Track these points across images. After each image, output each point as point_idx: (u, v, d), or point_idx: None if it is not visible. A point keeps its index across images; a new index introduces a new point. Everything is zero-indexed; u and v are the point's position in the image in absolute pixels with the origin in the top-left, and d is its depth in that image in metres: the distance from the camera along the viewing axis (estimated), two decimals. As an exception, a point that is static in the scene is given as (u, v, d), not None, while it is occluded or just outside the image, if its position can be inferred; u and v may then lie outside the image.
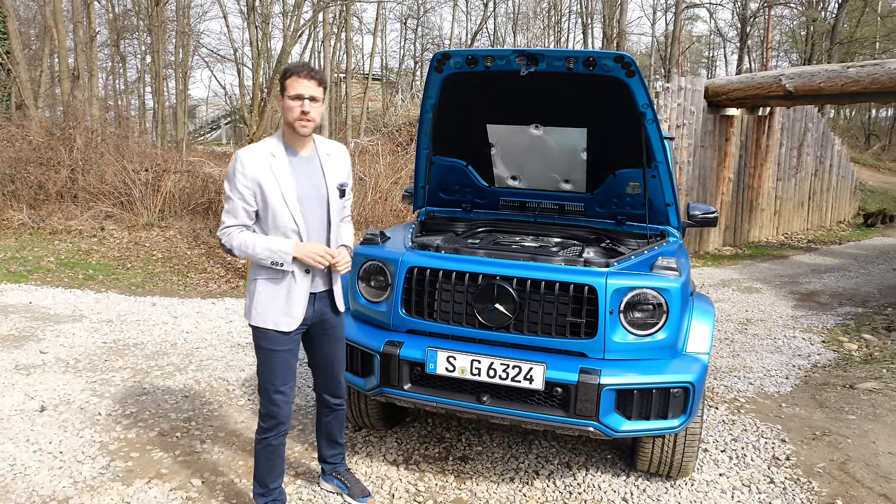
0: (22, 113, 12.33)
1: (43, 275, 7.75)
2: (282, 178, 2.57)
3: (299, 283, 2.63)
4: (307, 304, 2.69)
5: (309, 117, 2.55)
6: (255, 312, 2.65)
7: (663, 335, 2.89)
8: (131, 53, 26.36)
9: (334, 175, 2.74)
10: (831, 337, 6.50)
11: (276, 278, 2.62)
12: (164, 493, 3.11)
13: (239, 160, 2.56)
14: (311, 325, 2.78)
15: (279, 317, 2.62)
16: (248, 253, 2.57)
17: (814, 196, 14.30)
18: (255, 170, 2.55)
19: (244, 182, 2.55)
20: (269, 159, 2.58)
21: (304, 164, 2.66)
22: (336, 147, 2.84)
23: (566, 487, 3.29)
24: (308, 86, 2.53)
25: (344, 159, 2.83)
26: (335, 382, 2.94)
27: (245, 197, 2.56)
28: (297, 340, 2.74)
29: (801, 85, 9.89)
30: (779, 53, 30.77)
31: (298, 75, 2.53)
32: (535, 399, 2.86)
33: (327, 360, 2.88)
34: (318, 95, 2.57)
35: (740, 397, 4.65)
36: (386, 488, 3.21)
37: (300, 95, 2.52)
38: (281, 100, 2.60)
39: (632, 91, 3.17)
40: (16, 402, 4.11)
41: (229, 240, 2.59)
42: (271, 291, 2.63)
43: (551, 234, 3.86)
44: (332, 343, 2.87)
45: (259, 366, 2.71)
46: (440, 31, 32.42)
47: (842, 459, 3.63)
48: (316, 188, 2.67)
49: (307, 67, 2.57)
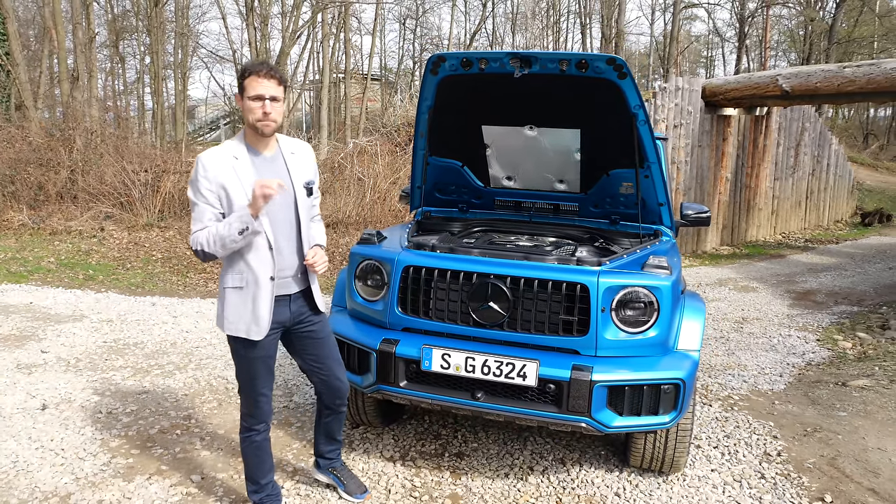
0: (21, 114, 12.38)
1: (43, 275, 7.80)
2: (246, 180, 2.52)
3: (264, 290, 2.58)
4: (283, 307, 2.67)
5: (271, 118, 2.50)
6: (226, 321, 2.62)
7: (654, 332, 2.95)
8: (130, 54, 26.44)
9: (300, 174, 2.69)
10: (826, 335, 6.55)
11: (242, 286, 2.58)
12: (164, 489, 3.16)
13: (201, 164, 2.51)
14: (289, 328, 2.75)
15: (249, 325, 2.59)
16: (216, 238, 2.47)
17: (811, 195, 14.35)
18: (217, 173, 2.50)
19: (208, 186, 2.50)
20: (232, 162, 2.53)
21: (269, 165, 2.62)
22: (300, 145, 2.80)
23: (560, 483, 3.34)
24: (268, 85, 2.48)
25: (309, 157, 2.79)
26: (338, 383, 2.89)
27: (210, 201, 2.51)
28: (274, 343, 2.71)
29: (798, 85, 9.94)
30: (777, 53, 30.87)
31: (258, 75, 2.47)
32: (528, 395, 2.92)
33: (321, 362, 2.84)
34: (279, 95, 2.52)
35: (734, 395, 4.70)
36: (382, 484, 3.26)
37: (260, 96, 2.47)
38: (240, 100, 2.54)
39: (624, 93, 3.22)
40: (18, 401, 4.16)
41: (198, 241, 2.52)
42: (238, 300, 2.59)
43: (546, 234, 3.91)
44: (320, 344, 2.83)
45: (238, 370, 2.71)
46: (439, 31, 32.49)
47: (832, 455, 3.68)
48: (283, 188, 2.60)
49: (266, 66, 2.51)
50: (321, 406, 2.98)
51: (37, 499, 3.06)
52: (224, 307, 2.63)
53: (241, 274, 2.59)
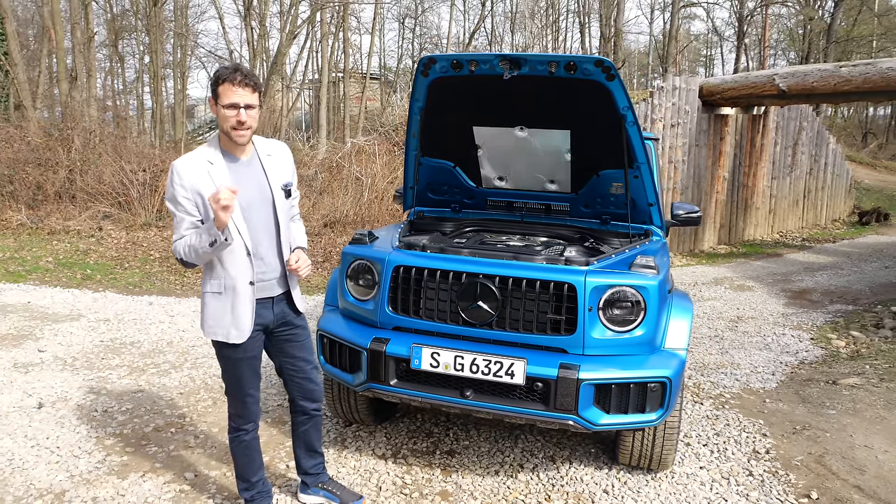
0: (20, 114, 12.42)
1: (41, 275, 7.83)
2: (222, 185, 2.44)
3: (242, 294, 2.56)
4: (267, 309, 2.67)
5: (245, 126, 2.46)
6: (206, 326, 2.62)
7: (641, 331, 2.98)
8: (130, 53, 26.47)
9: (277, 176, 2.66)
10: (820, 334, 6.59)
11: (221, 292, 2.57)
12: (157, 486, 3.20)
13: (176, 172, 2.47)
14: (273, 330, 2.75)
15: (228, 329, 2.57)
16: (192, 248, 2.45)
17: (809, 194, 14.38)
18: (193, 180, 2.47)
19: (184, 194, 2.46)
20: (207, 167, 2.49)
21: (245, 169, 2.59)
22: (277, 146, 2.76)
23: (549, 480, 3.38)
24: (243, 94, 2.42)
25: (286, 158, 2.75)
26: (312, 386, 2.89)
27: (187, 209, 2.48)
28: (259, 345, 2.71)
29: (795, 84, 9.98)
30: (776, 52, 30.86)
31: (232, 82, 2.40)
32: (516, 394, 2.95)
33: (298, 364, 2.83)
34: (254, 102, 2.47)
35: (725, 393, 4.74)
36: (374, 481, 3.30)
37: (235, 104, 2.41)
38: (214, 106, 2.48)
39: (612, 94, 3.25)
40: (14, 399, 4.20)
41: (177, 251, 2.51)
42: (218, 305, 2.58)
43: (537, 234, 3.94)
44: (300, 346, 2.82)
45: (224, 373, 2.71)
46: (438, 30, 32.46)
47: (819, 453, 3.72)
48: (259, 191, 2.60)
49: (241, 73, 2.43)
50: (296, 412, 2.95)
51: (32, 496, 3.10)
52: (205, 311, 2.62)
53: (220, 279, 2.57)
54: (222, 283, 2.57)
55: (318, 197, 10.82)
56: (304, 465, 3.03)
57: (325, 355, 3.37)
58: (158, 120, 19.85)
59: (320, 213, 10.18)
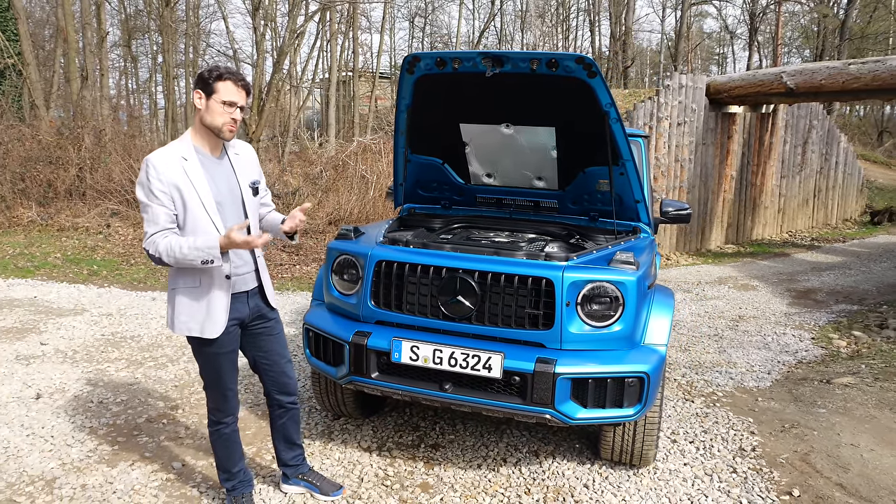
0: (33, 113, 12.62)
1: (49, 270, 7.98)
2: (197, 180, 2.53)
3: (219, 288, 2.60)
4: (242, 303, 2.71)
5: (236, 125, 2.60)
6: (178, 322, 2.62)
7: (619, 327, 3.00)
8: (143, 53, 26.74)
9: (245, 174, 2.73)
10: (822, 334, 6.55)
11: (197, 286, 2.59)
12: (145, 475, 3.27)
13: (151, 166, 2.49)
14: (248, 323, 2.78)
15: (203, 324, 2.60)
16: (177, 256, 2.48)
17: (819, 194, 14.25)
18: (170, 174, 2.49)
19: (161, 187, 2.48)
20: (182, 163, 2.53)
21: (216, 166, 2.64)
22: (242, 146, 2.83)
23: (531, 474, 3.40)
24: (241, 95, 2.56)
25: (252, 157, 2.83)
26: (286, 379, 2.93)
27: (164, 202, 2.50)
28: (235, 338, 2.75)
29: (803, 82, 9.90)
30: (790, 50, 30.52)
31: (234, 82, 2.53)
32: (494, 387, 2.98)
33: (272, 358, 2.87)
34: (245, 104, 2.62)
35: (718, 391, 4.73)
36: (356, 473, 3.35)
37: (234, 103, 2.54)
38: (203, 99, 2.52)
39: (595, 92, 3.27)
40: (14, 390, 4.30)
41: (155, 247, 2.50)
42: (192, 300, 2.60)
43: (525, 230, 3.97)
44: (274, 340, 2.86)
45: (202, 369, 2.75)
46: (448, 28, 32.40)
47: (805, 451, 3.71)
48: (230, 189, 2.65)
49: (241, 76, 2.57)
50: (273, 406, 2.98)
51: (24, 482, 3.18)
52: (175, 308, 2.63)
53: (196, 275, 2.59)
54: (198, 279, 2.60)
55: (324, 195, 10.90)
56: (283, 457, 3.08)
57: (311, 348, 3.43)
58: (171, 119, 20.04)
59: (325, 210, 10.26)
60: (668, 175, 10.80)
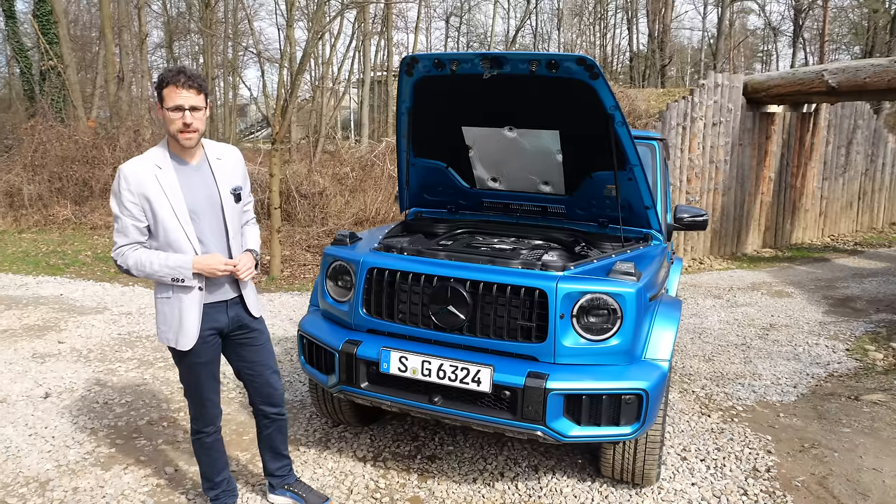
0: (71, 113, 12.98)
1: (78, 268, 8.16)
2: (170, 190, 2.46)
3: (190, 299, 2.54)
4: (220, 313, 2.64)
5: (192, 128, 2.44)
6: (160, 331, 2.61)
7: (617, 341, 2.86)
8: (184, 54, 27.31)
9: (226, 180, 2.63)
10: (857, 345, 6.23)
11: (170, 297, 2.55)
12: (136, 480, 3.26)
13: (122, 176, 2.44)
14: (229, 333, 2.71)
15: (177, 335, 2.56)
16: (147, 272, 2.47)
17: (864, 196, 13.65)
18: (140, 184, 2.44)
19: (130, 199, 2.44)
20: (155, 171, 2.46)
21: (194, 173, 2.56)
22: (227, 150, 2.71)
23: (527, 490, 3.28)
24: (187, 96, 2.40)
25: (236, 162, 2.71)
26: (270, 390, 2.85)
27: (134, 213, 2.45)
28: (214, 349, 2.69)
29: (845, 80, 9.47)
30: (838, 47, 29.36)
31: (176, 85, 2.38)
32: (484, 401, 2.88)
33: (256, 368, 2.80)
34: (200, 104, 2.45)
35: (738, 405, 4.52)
36: (346, 484, 3.28)
37: (180, 107, 2.40)
38: (160, 110, 2.45)
39: (598, 94, 3.13)
40: (25, 389, 4.37)
41: (124, 260, 2.48)
42: (167, 310, 2.57)
43: (531, 237, 3.84)
44: (257, 350, 2.79)
45: (181, 377, 2.71)
46: (485, 28, 32.16)
47: (823, 474, 3.50)
48: (208, 196, 2.56)
49: (184, 75, 2.41)
50: (258, 416, 2.92)
51: (19, 483, 3.21)
52: (157, 317, 2.62)
53: (168, 286, 2.55)
54: (170, 289, 2.56)
55: (351, 195, 10.91)
56: (269, 468, 3.02)
57: (305, 355, 3.37)
58: (210, 118, 20.42)
59: (351, 211, 10.26)
60: (703, 177, 10.47)
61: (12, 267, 8.16)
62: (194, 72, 2.49)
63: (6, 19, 14.74)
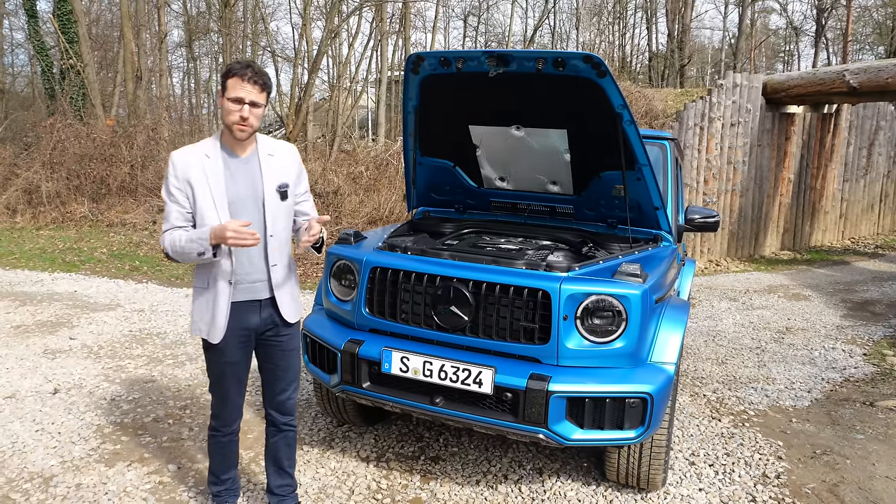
0: (91, 111, 13.13)
1: (93, 265, 8.24)
2: (213, 179, 2.48)
3: (222, 293, 2.53)
4: (253, 313, 2.61)
5: (248, 123, 2.44)
6: (193, 321, 2.62)
7: (622, 343, 2.81)
8: (204, 54, 27.51)
9: (274, 176, 2.59)
10: (875, 350, 6.10)
11: (204, 287, 2.57)
12: (139, 477, 3.27)
13: (171, 162, 2.50)
14: (262, 333, 2.68)
15: (208, 326, 2.56)
16: (178, 249, 2.47)
17: (886, 198, 13.40)
18: (186, 171, 2.48)
19: (176, 184, 2.48)
20: (203, 160, 2.49)
21: (242, 166, 2.55)
22: (282, 147, 2.69)
23: (531, 493, 3.24)
24: (251, 91, 2.41)
25: (289, 159, 2.68)
26: (283, 398, 2.78)
27: (178, 199, 2.49)
28: (242, 351, 2.65)
29: (867, 80, 9.29)
30: (862, 47, 28.84)
31: (241, 78, 2.40)
32: (485, 403, 2.84)
33: (274, 372, 2.75)
34: (261, 101, 2.46)
35: (750, 410, 4.44)
36: (348, 485, 3.26)
37: (241, 99, 2.41)
38: (221, 98, 2.47)
39: (606, 92, 3.08)
40: (34, 384, 4.41)
41: (164, 243, 2.52)
42: (202, 300, 2.58)
43: (538, 237, 3.80)
44: (280, 354, 2.72)
45: (209, 370, 2.69)
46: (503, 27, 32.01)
47: (835, 481, 3.42)
48: (252, 190, 2.55)
49: (252, 69, 2.43)
50: (267, 423, 2.86)
51: (23, 479, 3.23)
52: (192, 308, 2.62)
53: (206, 275, 2.58)
54: (206, 279, 2.58)
55: (365, 194, 10.91)
56: (271, 483, 2.91)
57: (308, 354, 3.36)
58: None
59: (365, 210, 10.27)
60: (720, 178, 10.34)
61: (29, 263, 8.27)
62: (261, 69, 2.49)
63: (28, 18, 14.96)
